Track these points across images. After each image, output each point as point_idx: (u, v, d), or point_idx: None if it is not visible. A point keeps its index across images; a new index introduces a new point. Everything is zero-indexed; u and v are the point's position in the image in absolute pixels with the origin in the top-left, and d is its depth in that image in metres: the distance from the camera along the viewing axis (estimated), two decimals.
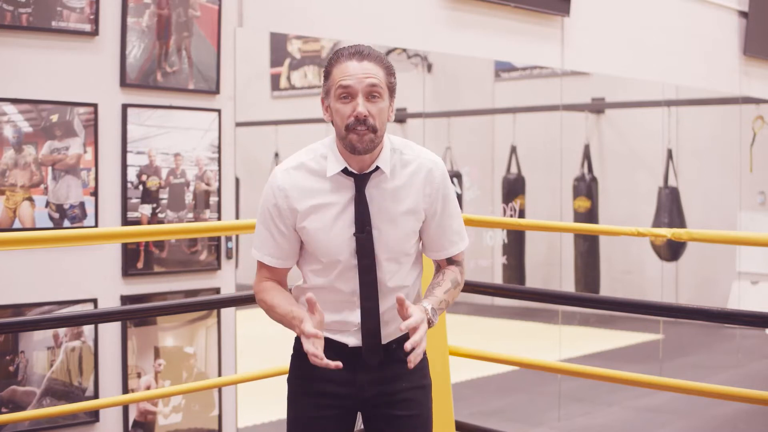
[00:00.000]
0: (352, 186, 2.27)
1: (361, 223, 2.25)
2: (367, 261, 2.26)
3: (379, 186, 2.28)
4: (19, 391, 3.59)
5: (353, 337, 2.31)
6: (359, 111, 2.19)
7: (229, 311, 4.20)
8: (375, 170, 2.28)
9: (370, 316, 2.29)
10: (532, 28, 5.66)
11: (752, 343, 7.79)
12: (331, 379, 2.29)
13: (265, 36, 9.26)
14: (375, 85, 2.21)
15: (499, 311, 9.23)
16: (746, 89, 7.48)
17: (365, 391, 2.32)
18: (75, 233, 3.08)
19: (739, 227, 8.09)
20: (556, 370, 3.79)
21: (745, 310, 3.22)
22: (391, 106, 2.29)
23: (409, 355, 2.13)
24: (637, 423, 5.49)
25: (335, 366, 2.13)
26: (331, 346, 2.30)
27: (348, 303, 2.31)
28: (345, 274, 2.29)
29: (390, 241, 2.28)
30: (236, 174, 4.27)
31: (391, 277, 2.30)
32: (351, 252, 2.26)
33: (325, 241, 2.27)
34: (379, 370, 2.32)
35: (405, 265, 2.33)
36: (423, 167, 2.32)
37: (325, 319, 2.27)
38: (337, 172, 2.27)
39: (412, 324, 2.13)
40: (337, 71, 2.22)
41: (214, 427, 4.17)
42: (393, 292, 2.30)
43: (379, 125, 2.22)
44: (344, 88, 2.20)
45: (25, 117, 3.58)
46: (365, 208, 2.26)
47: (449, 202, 2.38)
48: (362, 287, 2.28)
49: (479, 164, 8.71)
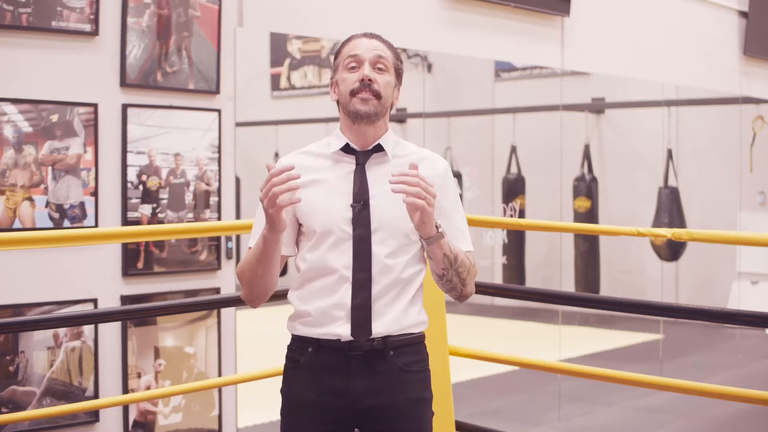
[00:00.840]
0: (352, 161, 2.28)
1: (358, 193, 2.23)
2: (362, 231, 2.21)
3: (380, 164, 2.28)
4: (19, 391, 3.59)
5: (345, 327, 2.22)
6: (365, 74, 2.22)
7: (229, 311, 4.20)
8: (377, 151, 2.28)
9: (361, 289, 2.21)
10: (532, 28, 5.66)
11: (752, 343, 7.79)
12: (326, 391, 2.22)
13: (265, 36, 9.26)
14: (382, 57, 2.26)
15: (499, 311, 9.22)
16: (746, 89, 7.48)
17: (361, 402, 2.23)
18: (75, 233, 3.08)
19: (739, 227, 8.09)
20: (556, 370, 3.79)
21: (745, 310, 3.23)
22: (396, 88, 2.31)
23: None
24: (637, 423, 5.49)
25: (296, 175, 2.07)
26: (324, 346, 2.24)
27: (341, 282, 2.23)
28: (339, 246, 2.22)
29: (388, 216, 2.23)
30: (236, 174, 4.27)
31: (387, 254, 2.23)
32: (346, 221, 2.22)
33: (320, 209, 2.23)
34: (374, 377, 2.23)
35: (403, 247, 2.26)
36: (426, 159, 2.33)
37: (317, 308, 2.24)
38: (339, 148, 2.28)
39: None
40: (346, 48, 2.29)
41: (214, 427, 4.17)
42: (388, 271, 2.23)
43: (384, 94, 2.24)
44: (352, 57, 2.26)
45: (25, 117, 3.58)
46: (364, 180, 2.25)
47: (450, 196, 2.34)
48: (356, 259, 2.21)
49: (479, 164, 8.71)
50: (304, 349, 2.28)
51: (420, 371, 2.31)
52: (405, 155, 2.31)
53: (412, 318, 2.29)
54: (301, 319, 2.29)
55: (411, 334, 2.29)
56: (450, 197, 2.35)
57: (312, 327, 2.27)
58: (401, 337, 2.27)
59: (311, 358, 2.26)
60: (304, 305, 2.28)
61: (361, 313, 2.22)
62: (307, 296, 2.28)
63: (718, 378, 6.50)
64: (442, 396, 3.52)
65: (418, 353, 2.31)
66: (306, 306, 2.28)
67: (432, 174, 2.28)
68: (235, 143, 4.24)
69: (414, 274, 2.29)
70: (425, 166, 2.28)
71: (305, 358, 2.27)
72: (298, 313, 2.31)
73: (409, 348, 2.29)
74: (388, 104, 2.27)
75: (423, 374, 2.31)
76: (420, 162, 2.25)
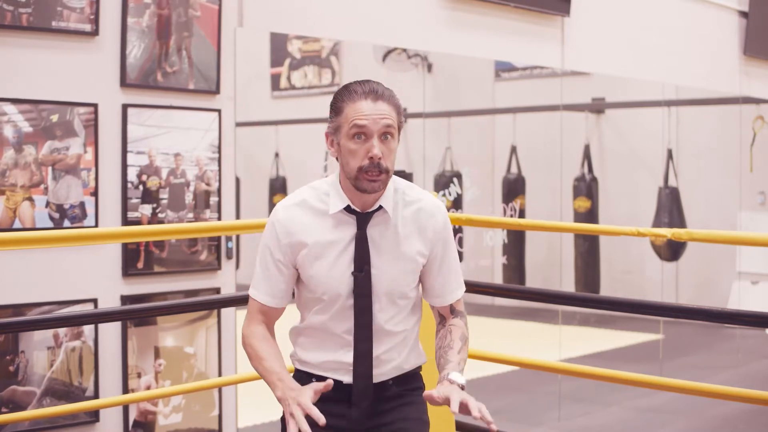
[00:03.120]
0: (353, 224, 2.26)
1: (360, 261, 2.23)
2: (363, 301, 2.24)
3: (381, 225, 2.27)
4: (19, 391, 3.59)
5: (347, 376, 2.29)
6: (375, 153, 2.16)
7: (229, 311, 4.20)
8: (378, 210, 2.27)
9: (363, 358, 2.26)
10: (532, 28, 5.66)
11: (752, 343, 7.79)
12: (327, 411, 2.21)
13: (265, 36, 9.26)
14: (390, 126, 2.19)
15: (499, 311, 9.22)
16: (746, 89, 7.48)
17: (361, 424, 2.30)
18: (75, 233, 3.08)
19: (739, 227, 8.09)
20: (556, 370, 3.79)
21: (745, 310, 3.22)
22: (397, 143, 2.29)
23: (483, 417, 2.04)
24: (637, 423, 5.49)
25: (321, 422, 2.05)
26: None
27: (342, 343, 2.28)
28: (341, 313, 2.26)
29: (388, 281, 2.25)
30: (236, 174, 4.27)
31: (387, 319, 2.28)
32: (348, 290, 2.24)
33: (325, 278, 2.24)
34: (375, 402, 2.30)
35: (403, 308, 2.31)
36: (425, 210, 2.32)
37: (319, 358, 2.29)
38: (340, 209, 2.25)
39: (458, 401, 2.08)
40: (350, 110, 2.19)
41: (214, 427, 4.17)
42: (389, 336, 2.29)
43: (390, 166, 2.21)
44: (359, 127, 2.17)
45: (25, 117, 3.58)
46: (365, 247, 2.24)
47: (450, 246, 2.37)
48: (357, 329, 2.25)
49: (479, 164, 8.71)
50: (307, 380, 2.31)
51: (418, 395, 2.38)
52: (404, 208, 2.30)
53: (412, 363, 2.38)
54: (303, 364, 2.35)
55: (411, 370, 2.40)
56: (451, 250, 2.38)
57: (314, 371, 2.33)
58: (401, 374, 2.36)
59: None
60: (306, 354, 2.34)
61: (363, 370, 2.28)
62: (309, 345, 2.34)
63: (718, 378, 6.50)
64: None
65: (416, 381, 2.41)
66: (307, 356, 2.34)
67: (432, 233, 2.31)
68: (235, 143, 4.24)
69: (413, 326, 2.37)
70: (424, 221, 2.30)
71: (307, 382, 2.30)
72: (300, 359, 2.36)
73: (409, 378, 2.38)
74: (393, 169, 2.25)
75: (420, 398, 2.37)
76: (418, 215, 2.29)
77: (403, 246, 2.27)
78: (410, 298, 2.32)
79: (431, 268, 2.33)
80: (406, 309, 2.32)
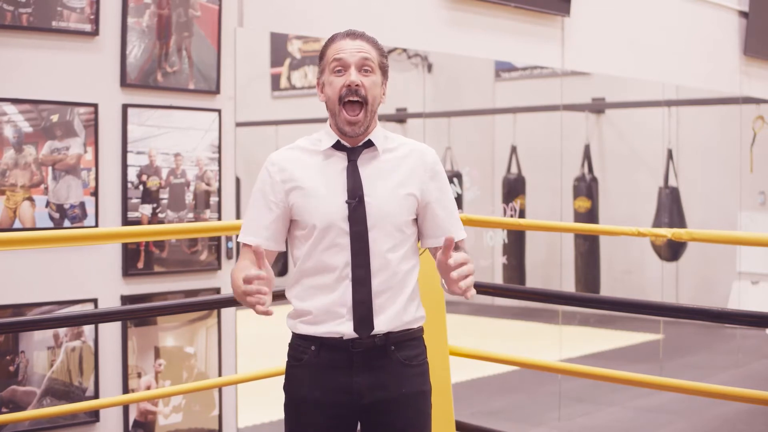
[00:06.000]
0: (344, 158, 2.31)
1: (353, 190, 2.27)
2: (359, 227, 2.26)
3: (372, 160, 2.32)
4: (19, 391, 3.59)
5: (347, 324, 2.26)
6: (351, 80, 2.26)
7: (229, 311, 4.20)
8: (367, 146, 2.32)
9: (362, 285, 2.25)
10: (533, 28, 5.66)
11: (752, 343, 7.78)
12: (329, 388, 2.25)
13: (265, 36, 9.26)
14: (367, 59, 2.29)
15: (499, 311, 9.22)
16: (746, 89, 7.48)
17: (363, 397, 2.28)
18: (75, 233, 3.08)
19: (739, 227, 8.09)
20: (556, 370, 3.79)
21: (745, 310, 3.23)
22: (383, 87, 2.34)
23: (462, 282, 2.10)
24: (637, 423, 5.49)
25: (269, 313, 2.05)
26: (326, 344, 2.27)
27: (340, 279, 2.27)
28: (336, 243, 2.26)
29: (382, 211, 2.28)
30: (236, 174, 4.27)
31: (384, 249, 2.27)
32: (343, 218, 2.26)
33: (317, 206, 2.27)
34: (376, 372, 2.28)
35: (399, 244, 2.30)
36: (415, 150, 2.38)
37: (318, 306, 2.27)
38: (330, 146, 2.31)
39: (459, 259, 2.12)
40: (331, 50, 2.30)
41: (214, 427, 4.17)
42: (386, 269, 2.27)
43: (370, 98, 2.28)
44: (338, 61, 2.28)
45: (25, 117, 3.58)
46: (357, 176, 2.28)
47: (446, 184, 2.41)
48: (354, 256, 2.25)
49: (479, 164, 8.71)
50: (306, 347, 2.31)
51: (419, 365, 2.37)
52: (394, 148, 2.36)
53: (411, 313, 2.34)
54: (302, 318, 2.31)
55: (411, 329, 2.35)
56: (445, 186, 2.41)
57: (314, 325, 2.29)
58: (402, 333, 2.32)
59: (314, 356, 2.30)
60: (304, 303, 2.31)
61: (363, 310, 2.26)
62: (306, 294, 2.31)
63: (718, 378, 6.50)
64: (443, 396, 3.51)
65: (417, 347, 2.37)
66: (306, 304, 2.30)
67: (423, 166, 2.36)
68: (235, 143, 4.24)
69: (410, 269, 2.34)
70: (415, 158, 2.36)
71: (308, 356, 2.30)
72: (298, 312, 2.33)
73: (409, 342, 2.35)
74: (375, 105, 2.32)
75: (422, 368, 2.37)
76: (409, 154, 2.35)
77: (395, 178, 2.31)
78: (405, 233, 2.32)
79: (430, 207, 2.35)
80: (402, 245, 2.32)
